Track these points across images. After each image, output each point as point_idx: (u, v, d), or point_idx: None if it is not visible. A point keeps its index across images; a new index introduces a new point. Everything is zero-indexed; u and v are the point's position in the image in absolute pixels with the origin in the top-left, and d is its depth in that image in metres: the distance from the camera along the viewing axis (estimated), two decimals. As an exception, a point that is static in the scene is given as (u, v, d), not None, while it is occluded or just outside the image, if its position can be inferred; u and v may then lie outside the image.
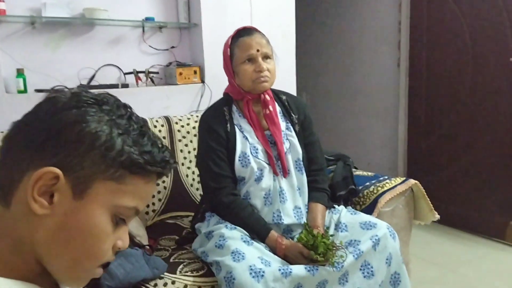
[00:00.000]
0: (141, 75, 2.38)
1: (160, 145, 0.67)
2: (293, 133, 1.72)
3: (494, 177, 2.91)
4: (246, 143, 1.65)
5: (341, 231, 1.62)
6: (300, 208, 1.67)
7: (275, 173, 1.65)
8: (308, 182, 1.71)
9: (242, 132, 1.67)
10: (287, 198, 1.65)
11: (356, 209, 1.83)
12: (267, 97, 1.68)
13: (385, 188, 1.89)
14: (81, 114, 0.62)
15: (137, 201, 0.66)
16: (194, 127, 2.20)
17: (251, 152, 1.64)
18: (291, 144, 1.70)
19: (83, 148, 0.61)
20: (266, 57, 1.64)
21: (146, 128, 0.67)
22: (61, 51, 2.22)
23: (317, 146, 1.79)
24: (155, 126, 2.13)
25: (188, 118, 2.24)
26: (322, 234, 1.51)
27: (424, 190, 1.95)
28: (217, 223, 1.63)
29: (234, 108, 1.72)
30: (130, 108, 0.67)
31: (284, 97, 1.78)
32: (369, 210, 1.85)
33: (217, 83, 2.41)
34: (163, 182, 2.06)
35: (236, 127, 1.68)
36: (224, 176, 1.62)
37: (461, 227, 3.11)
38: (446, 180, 3.19)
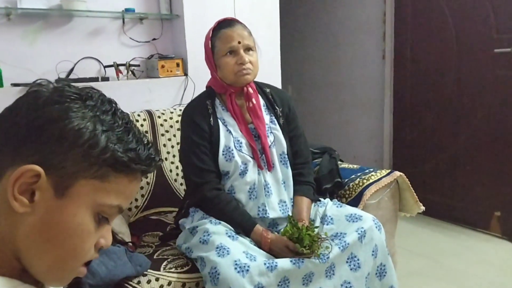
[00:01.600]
0: (121, 68, 2.36)
1: (145, 142, 0.67)
2: (277, 126, 1.73)
3: (478, 168, 2.97)
4: (230, 137, 1.66)
5: (327, 224, 1.64)
6: (285, 202, 1.68)
7: (259, 167, 1.66)
8: (293, 175, 1.72)
9: (225, 125, 1.68)
10: (272, 192, 1.66)
11: (342, 202, 1.85)
12: (250, 90, 1.69)
13: (371, 181, 1.91)
14: (64, 110, 0.62)
15: (121, 200, 0.66)
16: (177, 121, 2.19)
17: (235, 146, 1.64)
18: (275, 137, 1.71)
19: (66, 146, 0.61)
20: (248, 49, 1.64)
21: (131, 125, 0.67)
22: (38, 43, 2.19)
23: (302, 139, 1.80)
24: (137, 121, 2.12)
25: (171, 112, 2.24)
26: (307, 227, 1.53)
27: (409, 182, 1.97)
28: (201, 218, 1.64)
29: (217, 101, 1.72)
30: (115, 103, 0.67)
31: (268, 90, 1.79)
32: (355, 202, 1.87)
33: (200, 75, 2.40)
34: (146, 177, 2.05)
35: (219, 120, 1.68)
36: (207, 170, 1.63)
37: (446, 218, 3.17)
38: (431, 171, 3.24)
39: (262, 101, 1.75)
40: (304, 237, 1.47)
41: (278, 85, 2.70)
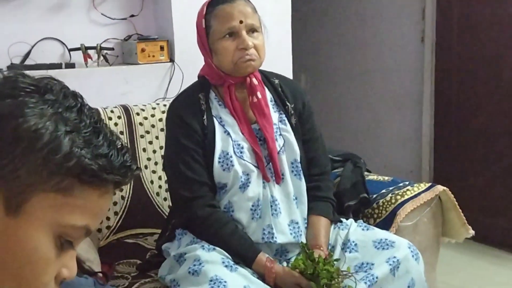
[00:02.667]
0: (90, 51, 2.36)
1: (119, 146, 0.67)
2: (288, 127, 1.73)
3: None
4: (228, 140, 1.65)
5: (350, 252, 1.63)
6: (297, 223, 1.67)
7: (265, 178, 1.66)
8: (308, 189, 1.72)
9: (222, 125, 1.68)
10: (281, 210, 1.66)
11: (369, 224, 1.85)
12: (254, 81, 1.68)
13: (406, 197, 1.91)
14: (18, 105, 0.62)
15: (89, 219, 0.66)
16: (161, 119, 2.20)
17: (234, 152, 1.64)
18: (285, 141, 1.71)
19: (20, 151, 0.61)
20: (252, 30, 1.64)
21: (102, 124, 0.67)
22: (-14, 20, 2.20)
23: (319, 144, 1.80)
24: (110, 118, 2.12)
25: (153, 108, 2.24)
26: (325, 259, 1.53)
27: (455, 199, 1.97)
28: (190, 242, 1.63)
29: (212, 95, 1.72)
30: (81, 97, 0.67)
31: (276, 81, 1.79)
32: (385, 224, 1.87)
33: (190, 62, 2.39)
34: (120, 190, 2.05)
35: (214, 119, 1.68)
36: (199, 182, 1.63)
37: (502, 246, 3.15)
38: (483, 186, 3.23)
39: (269, 95, 1.75)
40: (321, 273, 1.47)
41: (289, 74, 2.70)
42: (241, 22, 1.61)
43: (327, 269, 1.48)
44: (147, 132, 2.18)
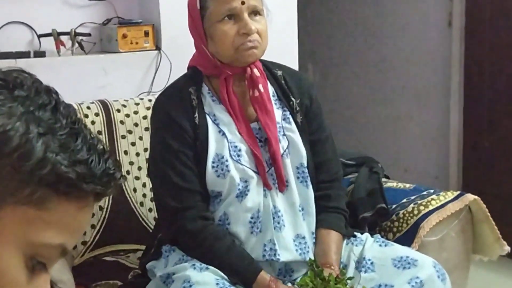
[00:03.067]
0: (63, 38, 2.36)
1: (100, 151, 0.67)
2: (293, 126, 1.73)
3: None
4: (223, 141, 1.66)
5: (366, 272, 1.63)
6: (304, 237, 1.68)
7: (266, 185, 1.66)
8: (316, 198, 1.73)
9: (217, 124, 1.68)
10: (285, 223, 1.66)
11: (387, 239, 1.85)
12: (256, 72, 1.68)
13: (431, 207, 1.91)
14: None
15: (65, 236, 0.65)
16: (145, 117, 2.19)
17: (230, 155, 1.65)
18: (290, 142, 1.71)
19: (-16, 156, 0.61)
20: (254, 12, 1.64)
21: (80, 125, 0.67)
22: None
23: (329, 145, 1.80)
24: (86, 116, 2.12)
25: (137, 104, 2.24)
26: (337, 277, 1.53)
27: (487, 210, 1.97)
28: (179, 261, 1.64)
29: (205, 88, 1.72)
30: (57, 93, 0.67)
31: (279, 73, 1.79)
32: (407, 239, 1.87)
33: (180, 50, 2.39)
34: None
35: (208, 117, 1.68)
36: (189, 190, 1.63)
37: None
38: (520, 194, 3.23)
39: (271, 89, 1.75)
40: (332, 293, 1.47)
41: (294, 65, 2.70)
42: (242, 3, 1.61)
43: None
44: (129, 132, 2.18)
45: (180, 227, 1.63)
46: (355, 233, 1.78)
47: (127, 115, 2.20)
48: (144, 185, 2.16)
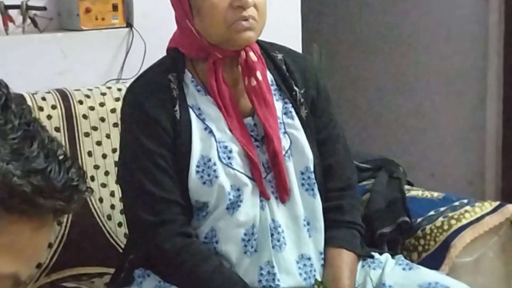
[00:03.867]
0: (12, 12, 2.35)
1: (61, 157, 0.67)
2: (297, 122, 1.74)
3: None
4: (210, 140, 1.66)
5: (385, 300, 1.65)
6: (309, 258, 1.68)
7: (263, 195, 1.66)
8: (326, 210, 1.73)
9: (202, 120, 1.68)
10: (286, 240, 1.67)
11: (411, 260, 1.85)
12: (252, 55, 1.68)
13: (464, 221, 1.91)
14: None
15: (19, 263, 0.65)
16: (113, 110, 2.19)
17: (219, 157, 1.65)
18: (292, 142, 1.71)
19: None
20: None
21: (36, 126, 0.67)
22: None
23: (340, 145, 1.80)
24: (41, 109, 2.11)
25: (103, 94, 2.24)
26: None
27: (533, 225, 1.98)
28: (156, 287, 1.64)
29: (187, 76, 1.72)
30: (6, 87, 0.67)
31: (279, 56, 1.79)
32: (435, 261, 1.88)
33: (156, 28, 2.40)
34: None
35: (191, 111, 1.69)
36: (167, 201, 1.63)
37: None
38: None
39: (269, 77, 1.75)
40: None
41: (298, 46, 2.71)
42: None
43: None
44: (94, 128, 2.18)
45: (155, 246, 1.63)
46: (373, 254, 1.78)
47: (92, 108, 2.19)
48: (112, 194, 2.16)
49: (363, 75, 4.19)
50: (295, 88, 1.76)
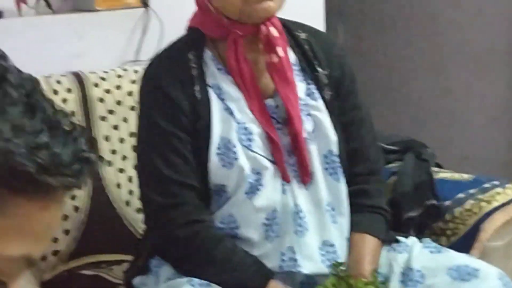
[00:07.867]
0: (26, -7, 2.36)
1: (66, 128, 0.66)
2: (320, 104, 1.74)
3: None
4: (230, 121, 1.66)
5: (415, 286, 1.64)
6: (332, 245, 1.69)
7: (285, 178, 1.67)
8: (351, 195, 1.73)
9: (222, 100, 1.68)
10: (309, 226, 1.67)
11: (440, 244, 1.84)
12: (273, 31, 1.68)
13: (495, 204, 1.91)
14: None
15: (29, 244, 0.65)
16: (130, 93, 2.20)
17: (239, 139, 1.65)
18: (316, 124, 1.71)
19: None
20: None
21: (38, 96, 0.66)
22: None
23: (366, 128, 1.81)
24: (55, 92, 2.12)
25: (119, 76, 2.24)
26: (367, 283, 1.55)
27: None
28: (173, 276, 1.64)
29: (207, 54, 1.72)
30: (5, 57, 0.66)
31: (302, 35, 1.79)
32: (464, 245, 1.88)
33: (173, 7, 2.40)
34: (73, 198, 2.05)
35: (211, 91, 1.69)
36: (181, 184, 1.64)
37: None
38: None
39: (292, 57, 1.75)
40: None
41: (320, 25, 2.69)
42: None
43: None
44: (111, 112, 2.18)
45: (168, 233, 1.64)
46: (399, 238, 1.78)
47: (107, 91, 2.20)
48: (130, 179, 2.16)
49: (388, 55, 4.16)
50: (319, 69, 1.76)
